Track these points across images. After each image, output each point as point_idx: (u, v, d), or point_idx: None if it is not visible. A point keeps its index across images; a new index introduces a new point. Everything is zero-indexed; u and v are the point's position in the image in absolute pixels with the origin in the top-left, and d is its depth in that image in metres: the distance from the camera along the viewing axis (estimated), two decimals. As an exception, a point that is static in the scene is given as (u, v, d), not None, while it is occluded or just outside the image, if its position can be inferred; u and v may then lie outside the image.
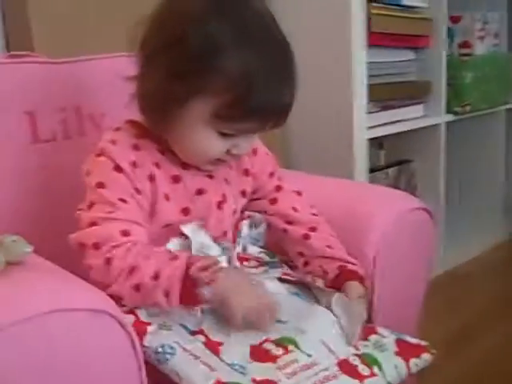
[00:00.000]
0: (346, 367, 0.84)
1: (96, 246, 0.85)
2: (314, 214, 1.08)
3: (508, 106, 2.44)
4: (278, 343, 0.84)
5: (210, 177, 0.99)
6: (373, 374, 0.85)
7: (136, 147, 0.93)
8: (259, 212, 1.07)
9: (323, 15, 1.71)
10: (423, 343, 0.94)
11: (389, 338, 0.92)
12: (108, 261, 0.84)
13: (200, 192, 0.97)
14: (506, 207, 2.56)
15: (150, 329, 0.85)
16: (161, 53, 0.87)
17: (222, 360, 0.82)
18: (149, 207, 0.93)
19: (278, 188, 1.09)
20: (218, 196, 0.99)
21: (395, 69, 1.99)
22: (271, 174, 1.09)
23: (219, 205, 0.99)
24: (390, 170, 2.15)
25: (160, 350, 0.82)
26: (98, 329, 0.72)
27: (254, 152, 1.07)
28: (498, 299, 2.05)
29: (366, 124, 1.77)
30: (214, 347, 0.83)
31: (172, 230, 0.94)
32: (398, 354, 0.90)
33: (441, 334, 1.76)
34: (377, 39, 1.82)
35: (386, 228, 1.06)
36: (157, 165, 0.94)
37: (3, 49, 1.50)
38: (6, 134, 1.10)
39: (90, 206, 0.89)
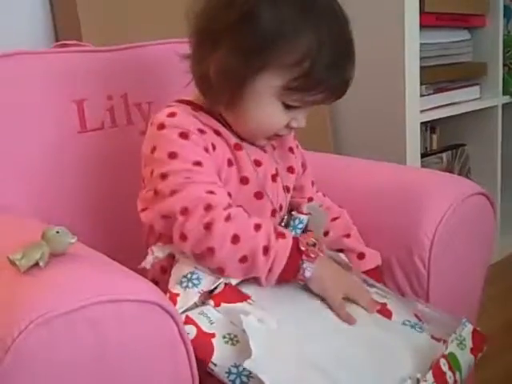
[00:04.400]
0: (438, 375, 0.82)
1: (185, 212, 0.83)
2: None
3: None
4: None
5: (264, 151, 1.00)
6: (455, 381, 0.84)
7: (196, 117, 0.93)
8: None
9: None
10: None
11: (466, 329, 0.90)
12: (207, 226, 0.82)
13: (258, 163, 0.98)
14: None
15: (215, 342, 0.81)
16: (231, 30, 0.87)
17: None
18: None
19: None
20: (272, 169, 1.00)
21: (449, 50, 1.94)
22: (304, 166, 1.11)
23: (274, 177, 1.00)
24: (444, 155, 2.10)
25: (234, 370, 0.78)
26: (147, 319, 0.72)
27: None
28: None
29: (419, 107, 1.72)
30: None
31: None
32: (471, 351, 0.88)
33: (499, 322, 1.71)
34: (430, 19, 1.78)
35: (444, 214, 1.03)
36: (217, 132, 0.94)
37: (52, 38, 1.51)
38: (55, 122, 1.11)
39: (164, 177, 0.87)
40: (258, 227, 0.85)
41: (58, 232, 0.73)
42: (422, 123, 1.79)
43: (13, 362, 0.62)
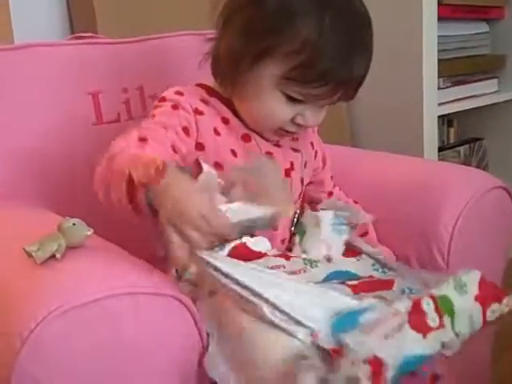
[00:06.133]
0: (415, 317, 0.74)
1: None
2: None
3: None
4: None
5: (278, 145, 0.99)
6: (441, 325, 0.75)
7: (204, 101, 0.94)
8: None
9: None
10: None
11: (471, 274, 0.80)
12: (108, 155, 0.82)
13: (268, 157, 0.97)
14: None
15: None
16: (237, 13, 0.89)
17: None
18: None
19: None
20: (286, 163, 0.99)
21: (467, 42, 1.92)
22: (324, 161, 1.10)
23: (287, 172, 0.99)
24: (461, 149, 2.08)
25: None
26: (162, 312, 0.72)
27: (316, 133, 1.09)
28: None
29: (436, 100, 1.71)
30: None
31: None
32: (477, 298, 0.79)
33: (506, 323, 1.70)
34: (448, 11, 1.76)
35: (464, 208, 1.03)
36: (225, 120, 0.94)
37: (68, 31, 1.51)
38: (71, 115, 1.11)
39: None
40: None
41: (74, 224, 0.73)
42: (439, 116, 1.77)
43: (29, 354, 0.62)
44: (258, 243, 0.92)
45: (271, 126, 0.93)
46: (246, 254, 0.87)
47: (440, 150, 1.89)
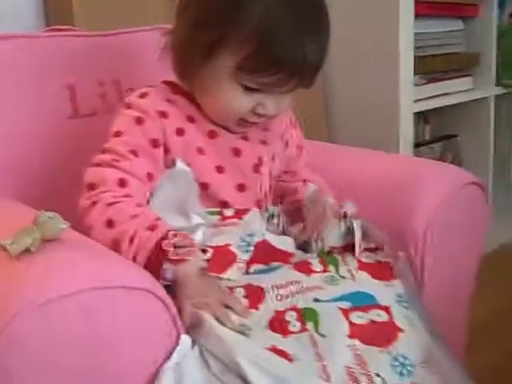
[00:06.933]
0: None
1: (90, 187, 0.86)
2: None
3: (560, 79, 2.34)
4: None
5: (245, 138, 0.98)
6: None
7: (169, 100, 0.94)
8: None
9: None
10: None
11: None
12: (93, 204, 0.84)
13: (236, 153, 0.96)
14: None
15: None
16: (188, 5, 0.89)
17: None
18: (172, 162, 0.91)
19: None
20: (254, 158, 0.98)
21: (443, 40, 1.94)
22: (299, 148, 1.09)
23: (255, 167, 0.98)
24: (436, 145, 2.10)
25: None
26: (139, 306, 0.71)
27: (295, 125, 1.08)
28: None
29: (412, 97, 1.72)
30: None
31: (206, 190, 0.93)
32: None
33: (492, 310, 1.73)
34: (424, 8, 1.78)
35: (438, 203, 1.03)
36: (190, 119, 0.94)
37: (43, 24, 1.50)
38: (46, 108, 1.10)
39: (103, 151, 0.89)
40: (134, 217, 0.83)
41: (49, 217, 0.72)
42: (415, 113, 1.78)
43: (5, 346, 0.62)
44: (281, 241, 0.94)
45: (232, 117, 0.92)
46: (269, 251, 0.91)
47: (416, 146, 1.91)
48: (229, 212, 0.93)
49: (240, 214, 0.93)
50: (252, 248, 0.90)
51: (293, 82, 0.87)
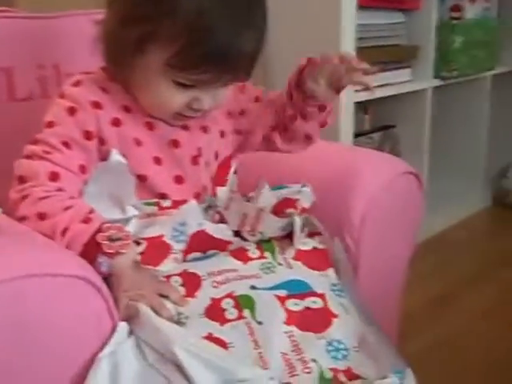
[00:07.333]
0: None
1: (21, 180, 0.84)
2: None
3: (494, 72, 2.42)
4: None
5: (185, 128, 0.96)
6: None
7: (104, 89, 0.91)
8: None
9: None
10: None
11: None
12: (23, 198, 0.82)
13: (175, 144, 0.94)
14: (487, 173, 2.57)
15: None
16: None
17: None
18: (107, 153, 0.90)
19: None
20: (193, 150, 0.96)
21: (384, 32, 1.96)
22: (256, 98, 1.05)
23: (194, 159, 0.96)
24: (375, 135, 2.14)
25: None
26: (73, 294, 0.71)
27: (241, 89, 1.03)
28: (472, 269, 2.07)
29: (353, 87, 1.73)
30: None
31: (144, 182, 0.92)
32: None
33: (422, 299, 1.78)
34: (367, 0, 1.79)
35: (375, 192, 1.04)
36: (126, 108, 0.92)
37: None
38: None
39: (34, 142, 0.87)
40: (67, 209, 0.82)
41: (-17, 204, 0.71)
42: (355, 103, 1.80)
43: None
44: (218, 230, 0.94)
45: (167, 112, 0.90)
46: (206, 240, 0.92)
47: (355, 136, 1.93)
48: (166, 203, 0.92)
49: (177, 204, 0.92)
50: (186, 238, 0.90)
51: (226, 77, 0.86)
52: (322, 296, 0.89)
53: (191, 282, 0.86)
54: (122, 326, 0.77)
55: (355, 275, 1.01)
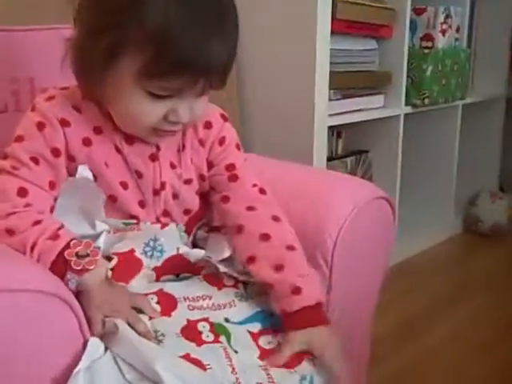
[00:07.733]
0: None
1: None
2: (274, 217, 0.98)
3: (464, 102, 2.46)
4: None
5: (154, 159, 0.93)
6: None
7: (76, 108, 0.90)
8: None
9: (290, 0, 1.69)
10: None
11: None
12: None
13: (138, 174, 0.93)
14: (457, 201, 2.60)
15: None
16: (84, 9, 0.84)
17: None
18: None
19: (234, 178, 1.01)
20: (156, 183, 0.94)
21: (357, 57, 1.98)
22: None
23: (156, 192, 0.94)
24: (348, 159, 2.15)
25: None
26: (44, 310, 0.71)
27: (221, 141, 1.01)
28: (443, 295, 2.09)
29: (327, 111, 1.75)
30: None
31: (114, 202, 0.91)
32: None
33: (391, 324, 1.79)
34: (341, 26, 1.81)
35: (347, 216, 1.05)
36: (97, 130, 0.90)
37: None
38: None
39: (4, 157, 0.87)
40: (35, 224, 0.81)
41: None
42: (328, 127, 1.81)
43: None
44: (194, 254, 0.93)
45: (142, 127, 0.86)
46: (181, 264, 0.91)
47: (329, 160, 1.94)
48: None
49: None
50: (159, 254, 0.90)
51: (200, 84, 0.82)
52: None
53: (167, 302, 0.85)
54: (95, 342, 0.75)
55: (329, 296, 1.01)
